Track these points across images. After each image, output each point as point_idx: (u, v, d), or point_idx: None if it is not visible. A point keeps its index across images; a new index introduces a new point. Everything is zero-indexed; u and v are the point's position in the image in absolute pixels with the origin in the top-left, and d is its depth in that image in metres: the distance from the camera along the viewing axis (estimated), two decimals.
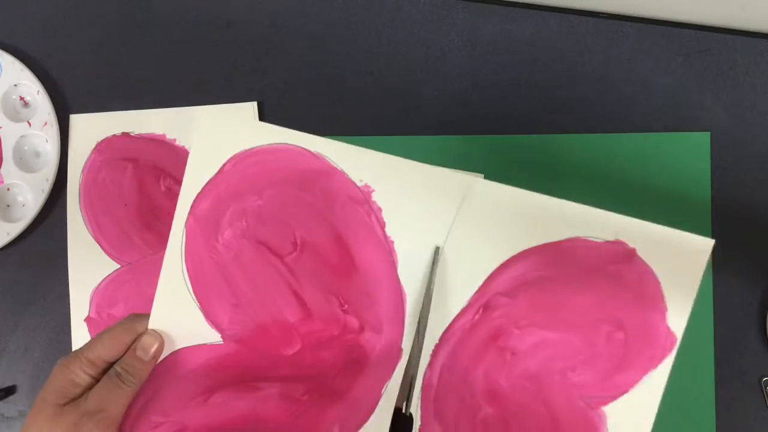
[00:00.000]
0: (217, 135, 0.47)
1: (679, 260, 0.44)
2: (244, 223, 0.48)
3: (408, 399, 0.44)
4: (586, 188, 0.55)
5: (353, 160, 0.47)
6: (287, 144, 0.47)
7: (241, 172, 0.48)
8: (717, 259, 0.55)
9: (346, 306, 0.48)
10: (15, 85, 0.57)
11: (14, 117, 0.57)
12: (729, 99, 0.55)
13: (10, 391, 0.58)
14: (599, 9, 0.56)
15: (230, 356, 0.48)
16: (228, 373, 0.48)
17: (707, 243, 0.43)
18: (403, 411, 0.43)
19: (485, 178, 0.55)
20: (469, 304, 0.45)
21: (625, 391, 0.44)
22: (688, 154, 0.55)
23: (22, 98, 0.58)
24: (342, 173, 0.47)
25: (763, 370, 0.54)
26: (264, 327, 0.48)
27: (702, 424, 0.54)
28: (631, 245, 0.43)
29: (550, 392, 0.45)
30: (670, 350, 0.44)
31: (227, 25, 0.57)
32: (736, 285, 0.55)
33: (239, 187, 0.48)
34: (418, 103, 0.56)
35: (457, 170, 0.48)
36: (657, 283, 0.44)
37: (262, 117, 0.57)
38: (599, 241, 0.44)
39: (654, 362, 0.44)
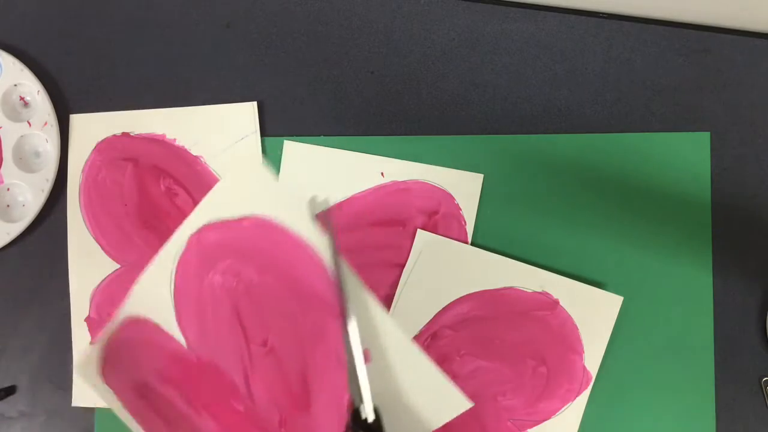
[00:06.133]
0: (262, 183, 0.45)
1: (595, 312, 0.53)
2: (234, 284, 0.46)
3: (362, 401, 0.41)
4: (586, 188, 0.55)
5: (366, 317, 0.43)
6: (314, 249, 0.44)
7: (256, 238, 0.45)
8: (717, 259, 0.55)
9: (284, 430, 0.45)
10: (15, 85, 0.57)
11: (14, 117, 0.57)
12: (729, 99, 0.55)
13: (10, 391, 0.58)
14: (599, 9, 0.56)
15: (191, 363, 0.46)
16: (182, 374, 0.46)
17: (617, 299, 0.52)
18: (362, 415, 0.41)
19: (485, 178, 0.55)
20: (421, 333, 0.54)
21: (548, 418, 0.53)
22: (688, 154, 0.55)
23: (22, 98, 0.58)
24: (346, 327, 0.43)
25: (763, 371, 0.54)
26: (218, 372, 0.46)
27: (702, 424, 0.54)
28: (555, 297, 0.53)
29: (484, 411, 0.52)
30: (586, 386, 0.53)
31: (227, 25, 0.57)
32: (736, 285, 0.55)
33: (248, 250, 0.46)
34: (418, 103, 0.56)
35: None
36: (576, 329, 0.53)
37: (262, 117, 0.56)
38: (529, 291, 0.53)
39: (572, 395, 0.53)
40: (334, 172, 0.56)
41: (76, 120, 0.58)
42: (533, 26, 0.56)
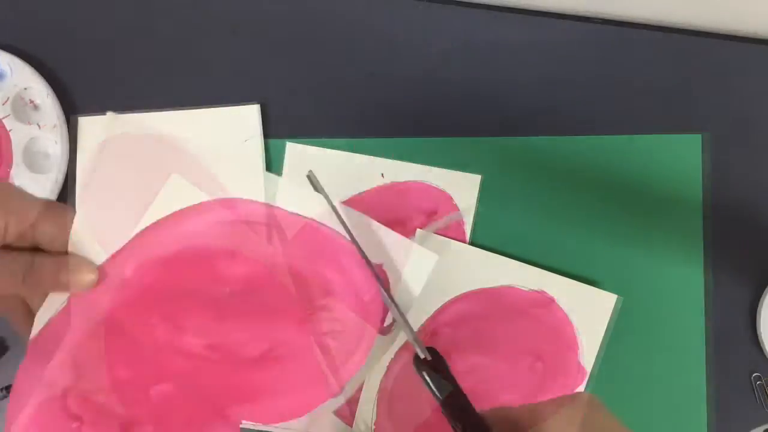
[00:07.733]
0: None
1: (591, 310, 0.54)
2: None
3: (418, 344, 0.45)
4: (582, 189, 0.56)
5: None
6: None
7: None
8: (712, 259, 0.55)
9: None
10: (25, 89, 0.58)
11: (24, 120, 0.59)
12: (725, 102, 0.56)
13: (10, 390, 0.58)
14: (595, 14, 0.57)
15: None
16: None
17: (613, 297, 0.54)
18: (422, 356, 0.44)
19: (484, 179, 0.56)
20: (420, 331, 0.55)
21: None
22: (685, 156, 0.56)
23: (31, 101, 0.59)
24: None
25: (755, 367, 0.54)
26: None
27: (695, 420, 0.54)
28: (552, 295, 0.54)
29: (481, 407, 0.52)
30: (581, 382, 0.54)
31: (231, 29, 0.59)
32: (730, 284, 0.55)
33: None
34: (418, 105, 0.57)
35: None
36: (571, 326, 0.54)
37: (265, 118, 0.57)
38: (526, 289, 0.54)
39: (567, 391, 0.54)
40: (335, 173, 0.57)
41: (84, 122, 0.59)
42: (530, 30, 0.57)
